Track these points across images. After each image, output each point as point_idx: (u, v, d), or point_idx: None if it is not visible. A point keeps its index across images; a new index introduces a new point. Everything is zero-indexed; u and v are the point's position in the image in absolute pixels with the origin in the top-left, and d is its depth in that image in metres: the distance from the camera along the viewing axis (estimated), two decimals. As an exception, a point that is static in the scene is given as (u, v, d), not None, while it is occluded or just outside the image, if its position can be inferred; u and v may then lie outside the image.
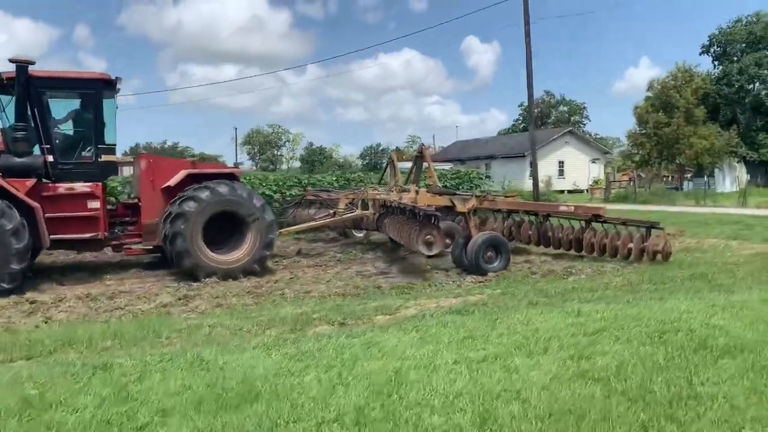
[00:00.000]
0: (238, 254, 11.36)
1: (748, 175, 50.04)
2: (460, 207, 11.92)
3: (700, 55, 59.50)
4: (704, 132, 41.25)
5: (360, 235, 16.66)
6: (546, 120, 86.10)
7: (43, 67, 13.36)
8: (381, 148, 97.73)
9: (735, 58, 52.78)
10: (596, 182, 43.75)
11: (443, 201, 12.20)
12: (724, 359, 4.98)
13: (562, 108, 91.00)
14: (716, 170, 45.22)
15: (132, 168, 16.27)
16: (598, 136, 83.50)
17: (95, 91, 11.33)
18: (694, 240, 14.32)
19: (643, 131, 42.58)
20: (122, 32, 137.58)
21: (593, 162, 57.67)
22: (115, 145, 11.91)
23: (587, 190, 42.61)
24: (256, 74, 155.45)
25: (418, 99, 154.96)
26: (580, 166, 56.29)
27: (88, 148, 11.39)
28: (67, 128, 11.77)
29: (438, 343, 5.61)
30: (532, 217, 13.75)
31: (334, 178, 20.26)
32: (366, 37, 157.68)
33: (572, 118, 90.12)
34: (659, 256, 11.43)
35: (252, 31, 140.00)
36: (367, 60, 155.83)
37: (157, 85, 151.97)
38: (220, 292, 9.48)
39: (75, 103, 11.72)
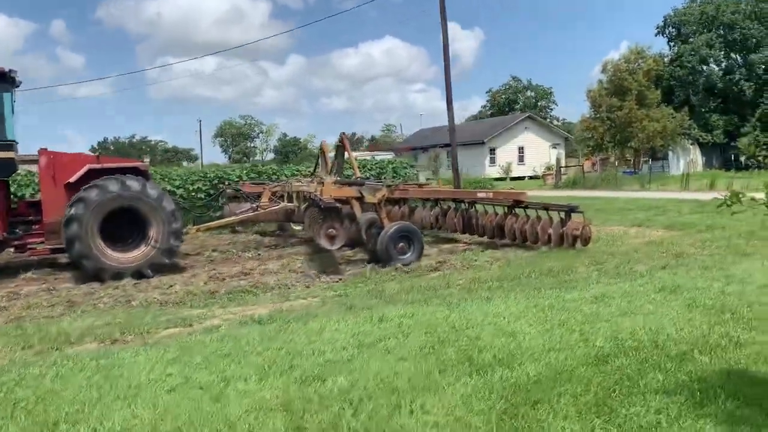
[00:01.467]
0: (145, 249, 10.74)
1: (704, 158, 50.11)
2: (369, 198, 11.24)
3: (655, 36, 59.48)
4: (656, 115, 40.90)
5: (298, 228, 15.81)
6: (513, 106, 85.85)
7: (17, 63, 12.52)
8: (356, 137, 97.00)
9: (690, 39, 52.61)
10: (549, 168, 43.23)
11: (350, 192, 11.53)
12: (471, 378, 4.39)
13: (529, 93, 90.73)
14: (669, 153, 45.05)
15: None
16: (566, 121, 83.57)
17: None
18: (596, 229, 13.80)
19: (597, 115, 42.10)
20: (100, 26, 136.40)
21: (553, 147, 57.19)
22: (12, 141, 11.17)
23: (542, 176, 42.09)
24: (235, 65, 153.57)
25: (402, 86, 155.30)
26: (541, 152, 55.87)
27: None
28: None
29: (184, 364, 4.97)
30: (461, 205, 13.50)
31: (244, 171, 19.42)
32: (347, 27, 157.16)
33: (539, 104, 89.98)
34: (579, 241, 11.04)
35: (231, 22, 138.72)
36: (348, 49, 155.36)
37: (137, 79, 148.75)
38: (39, 300, 8.70)
39: None
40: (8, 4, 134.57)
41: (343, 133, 14.20)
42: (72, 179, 10.84)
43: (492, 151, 55.50)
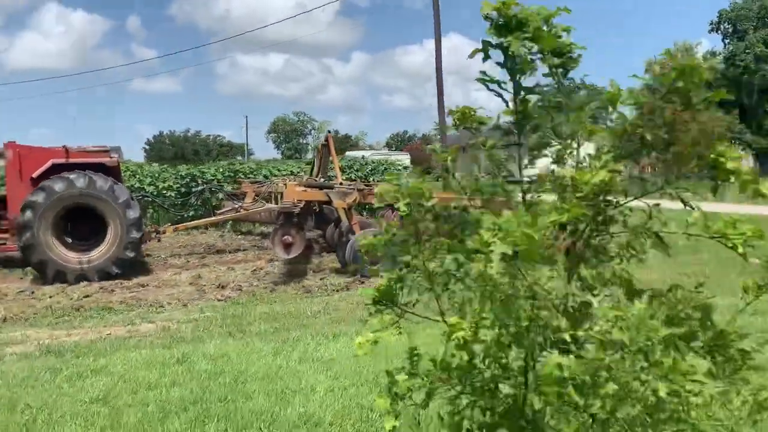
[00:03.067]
0: (95, 254, 10.50)
1: (758, 165, 47.31)
2: (338, 202, 10.45)
3: (708, 32, 56.61)
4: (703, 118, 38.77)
5: None
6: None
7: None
8: (408, 135, 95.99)
9: (747, 36, 49.69)
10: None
11: (316, 195, 10.78)
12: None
13: (581, 93, 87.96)
14: (717, 157, 42.57)
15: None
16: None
17: None
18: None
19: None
20: (172, 23, 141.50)
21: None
22: None
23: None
24: (303, 63, 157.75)
25: (465, 84, 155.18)
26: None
27: None
28: None
29: None
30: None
31: (220, 170, 18.92)
32: (412, 24, 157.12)
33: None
34: None
35: (299, 20, 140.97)
36: (413, 46, 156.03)
37: (207, 74, 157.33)
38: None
39: None
40: (88, 1, 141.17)
41: (329, 133, 13.63)
42: (35, 174, 10.72)
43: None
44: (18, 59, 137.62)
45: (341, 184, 11.46)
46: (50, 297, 9.17)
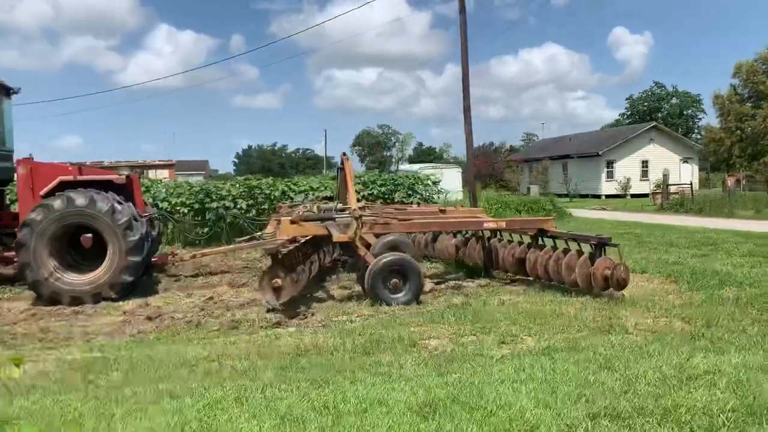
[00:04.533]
0: (93, 276, 9.98)
1: None
2: (338, 236, 9.32)
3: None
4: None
5: None
6: (655, 114, 79.63)
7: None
8: (494, 147, 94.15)
9: None
10: (658, 186, 38.66)
11: (315, 230, 9.67)
12: None
13: (674, 101, 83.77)
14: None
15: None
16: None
17: None
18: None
19: (724, 126, 37.29)
20: (272, 39, 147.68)
21: (685, 162, 51.37)
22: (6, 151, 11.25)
23: (651, 195, 37.75)
24: (395, 76, 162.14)
25: (562, 94, 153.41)
26: (670, 167, 50.24)
27: None
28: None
29: None
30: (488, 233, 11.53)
31: (235, 186, 17.83)
32: (506, 34, 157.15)
33: (685, 113, 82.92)
34: (611, 285, 8.78)
35: (393, 33, 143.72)
36: (507, 56, 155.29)
37: (305, 90, 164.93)
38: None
39: None
40: (196, 21, 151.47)
41: (344, 155, 12.57)
42: (43, 191, 10.38)
43: (609, 164, 50.93)
44: (132, 77, 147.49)
45: (355, 210, 10.47)
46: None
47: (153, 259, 12.17)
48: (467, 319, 7.75)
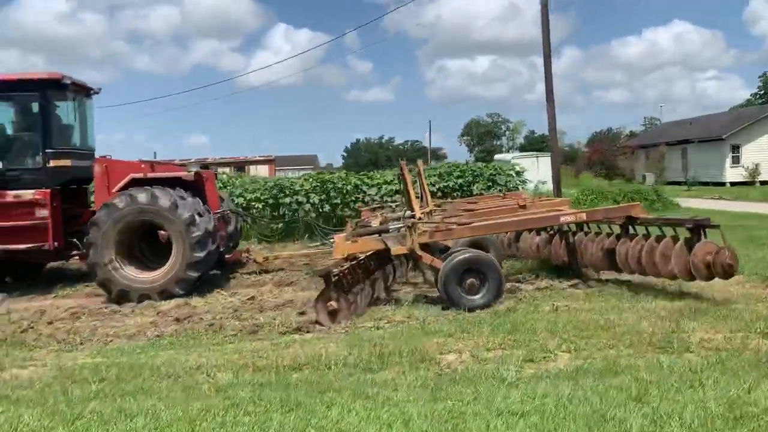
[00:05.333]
0: (158, 274, 10.03)
1: None
2: (397, 249, 8.50)
3: None
4: None
5: None
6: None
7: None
8: (612, 132, 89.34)
9: None
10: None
11: (372, 245, 8.74)
12: None
13: None
14: None
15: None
16: None
17: (39, 93, 10.81)
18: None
19: None
20: (385, 33, 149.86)
21: (829, 145, 45.92)
22: (70, 149, 11.36)
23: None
24: (509, 63, 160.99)
25: (691, 75, 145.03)
26: (810, 150, 45.06)
27: (35, 154, 10.91)
28: (13, 132, 11.43)
29: None
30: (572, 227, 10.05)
31: (308, 180, 17.45)
32: (627, 14, 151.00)
33: None
34: (715, 273, 7.51)
35: (506, 19, 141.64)
36: (630, 37, 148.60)
37: (416, 82, 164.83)
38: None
39: (20, 107, 11.34)
40: (311, 20, 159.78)
41: (402, 160, 11.71)
42: (116, 188, 10.52)
43: (734, 149, 46.44)
44: (252, 76, 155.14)
45: (410, 217, 9.69)
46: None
47: (227, 256, 12.07)
48: (503, 328, 6.84)
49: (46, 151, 10.81)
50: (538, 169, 30.29)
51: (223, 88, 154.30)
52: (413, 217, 10.30)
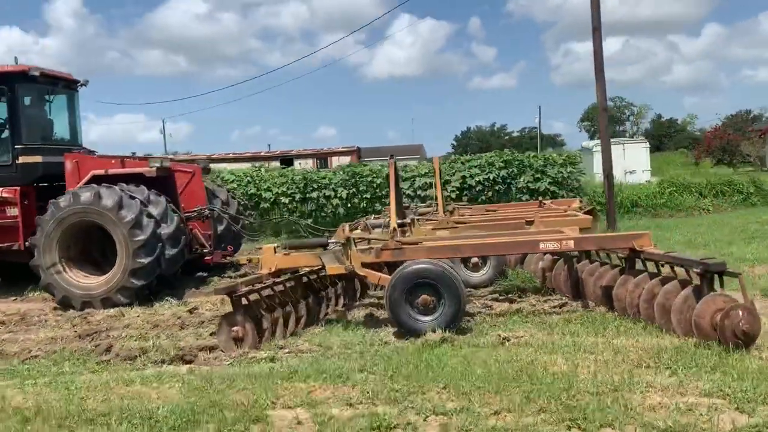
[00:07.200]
0: (101, 280, 9.29)
1: None
2: (332, 268, 6.98)
3: None
4: None
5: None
6: None
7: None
8: (752, 115, 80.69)
9: None
10: None
11: (307, 260, 7.34)
12: None
13: None
14: None
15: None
16: None
17: (7, 87, 10.36)
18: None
19: None
20: (510, 19, 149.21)
21: None
22: (42, 145, 10.72)
23: None
24: (642, 43, 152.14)
25: None
26: None
27: (4, 150, 10.50)
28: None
29: None
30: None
31: (338, 172, 16.15)
32: None
33: None
34: (723, 339, 5.31)
35: None
36: None
37: (541, 67, 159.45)
38: None
39: None
40: (435, 8, 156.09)
41: (391, 157, 9.94)
42: (77, 186, 9.87)
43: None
44: (377, 68, 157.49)
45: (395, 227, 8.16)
46: None
47: (206, 258, 11.16)
48: (402, 371, 5.28)
49: (15, 147, 10.31)
50: (624, 158, 27.19)
51: (346, 81, 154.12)
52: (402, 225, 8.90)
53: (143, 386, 5.35)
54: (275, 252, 7.25)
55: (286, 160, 37.39)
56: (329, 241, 7.36)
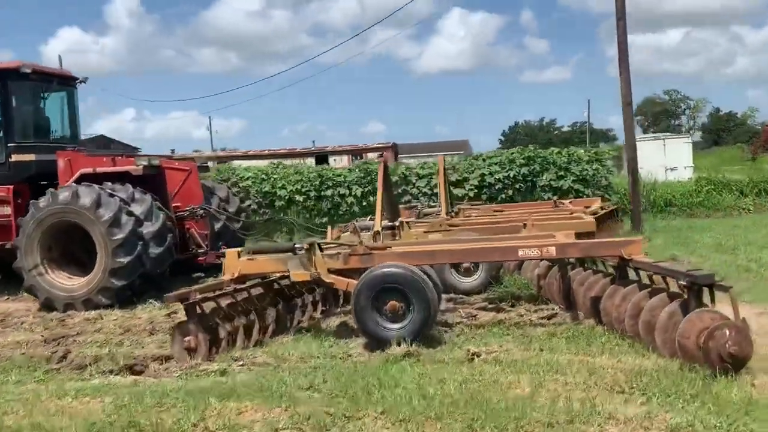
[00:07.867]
0: (83, 281, 9.12)
1: None
2: (297, 274, 6.53)
3: None
4: None
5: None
6: None
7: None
8: None
9: None
10: None
11: (271, 266, 6.75)
12: None
13: None
14: None
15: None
16: None
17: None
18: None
19: None
20: (564, 12, 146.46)
21: None
22: (36, 143, 10.57)
23: None
24: (704, 34, 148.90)
25: None
26: None
27: None
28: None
29: None
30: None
31: (353, 170, 15.58)
32: None
33: None
34: (708, 362, 4.63)
35: None
36: None
37: (598, 59, 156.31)
38: None
39: None
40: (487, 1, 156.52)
41: (381, 156, 9.36)
42: (66, 185, 9.69)
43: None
44: (427, 63, 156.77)
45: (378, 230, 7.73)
46: None
47: (200, 258, 10.90)
48: (352, 387, 4.81)
49: (8, 145, 10.22)
50: (665, 154, 25.90)
51: (395, 76, 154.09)
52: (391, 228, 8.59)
53: (75, 400, 5.00)
54: (239, 256, 6.83)
55: (321, 157, 37.08)
56: (296, 246, 6.89)
